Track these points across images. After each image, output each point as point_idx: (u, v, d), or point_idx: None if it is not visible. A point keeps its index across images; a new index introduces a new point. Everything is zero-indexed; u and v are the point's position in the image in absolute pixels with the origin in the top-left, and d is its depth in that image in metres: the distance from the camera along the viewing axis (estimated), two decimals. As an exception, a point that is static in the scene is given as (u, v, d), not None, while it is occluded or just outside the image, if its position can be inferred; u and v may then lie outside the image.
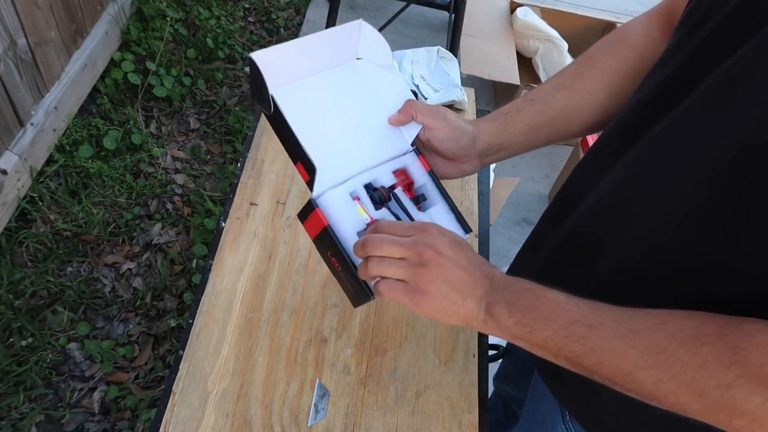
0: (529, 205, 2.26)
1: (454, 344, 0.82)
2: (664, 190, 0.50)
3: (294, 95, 0.64)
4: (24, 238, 1.65)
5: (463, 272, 0.53)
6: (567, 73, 0.71)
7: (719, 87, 0.47)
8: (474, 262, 0.55)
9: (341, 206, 0.63)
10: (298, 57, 0.63)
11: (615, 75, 0.68)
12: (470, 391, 0.78)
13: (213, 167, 2.04)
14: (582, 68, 0.70)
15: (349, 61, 0.68)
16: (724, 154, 0.44)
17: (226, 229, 0.89)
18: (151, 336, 1.60)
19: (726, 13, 0.49)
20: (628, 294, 0.52)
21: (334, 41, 0.65)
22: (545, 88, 0.71)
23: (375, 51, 0.68)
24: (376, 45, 0.68)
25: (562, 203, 0.69)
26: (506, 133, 0.69)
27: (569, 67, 0.71)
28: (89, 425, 1.44)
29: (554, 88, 0.70)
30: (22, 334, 1.51)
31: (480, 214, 0.97)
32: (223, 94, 2.26)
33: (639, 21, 0.71)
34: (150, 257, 1.75)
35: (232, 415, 0.72)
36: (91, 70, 1.96)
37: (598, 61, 0.70)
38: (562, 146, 2.46)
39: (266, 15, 2.66)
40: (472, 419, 0.75)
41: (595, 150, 0.64)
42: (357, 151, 0.66)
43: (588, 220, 0.60)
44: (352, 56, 0.68)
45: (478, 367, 0.80)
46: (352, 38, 0.67)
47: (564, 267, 0.63)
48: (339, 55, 0.67)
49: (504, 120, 0.69)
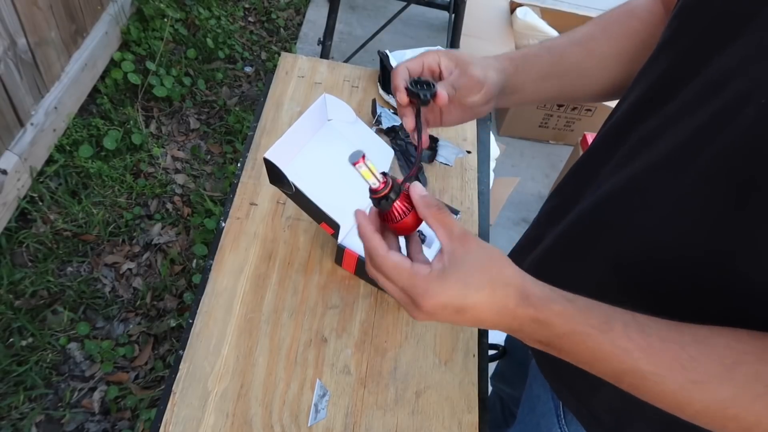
0: (529, 205, 2.26)
1: (454, 344, 0.82)
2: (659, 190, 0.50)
3: (300, 168, 0.79)
4: (24, 238, 1.65)
5: (462, 321, 0.49)
6: (581, 32, 0.70)
7: (710, 84, 0.46)
8: (478, 318, 0.48)
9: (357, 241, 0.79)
10: (293, 137, 0.79)
11: (626, 44, 0.68)
12: (470, 391, 0.78)
13: (213, 167, 2.04)
14: (595, 31, 0.69)
15: (324, 124, 0.86)
16: (717, 153, 0.44)
17: (226, 229, 0.89)
18: (151, 336, 1.60)
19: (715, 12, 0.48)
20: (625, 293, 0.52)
21: (312, 116, 0.82)
22: (561, 40, 0.70)
23: (340, 112, 0.85)
24: (340, 107, 0.85)
25: (558, 202, 0.69)
26: (522, 75, 0.68)
27: (583, 28, 0.70)
28: (89, 425, 1.44)
29: (569, 42, 0.69)
30: (22, 334, 1.51)
31: (480, 214, 0.97)
32: (223, 94, 2.26)
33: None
34: (150, 257, 1.75)
35: (232, 415, 0.72)
36: (91, 70, 1.96)
37: (610, 28, 0.69)
38: (562, 146, 2.46)
39: (266, 15, 2.66)
40: (472, 419, 0.75)
41: (591, 149, 0.64)
42: (355, 197, 0.81)
43: (583, 219, 0.60)
44: (325, 119, 0.87)
45: (478, 367, 0.80)
46: (322, 109, 0.84)
47: (559, 266, 0.63)
48: (317, 124, 0.85)
49: (523, 61, 0.68)
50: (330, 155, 0.85)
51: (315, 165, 0.82)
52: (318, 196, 0.79)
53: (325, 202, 0.79)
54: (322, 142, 0.85)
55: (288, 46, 2.57)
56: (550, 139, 2.48)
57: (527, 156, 2.43)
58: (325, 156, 0.85)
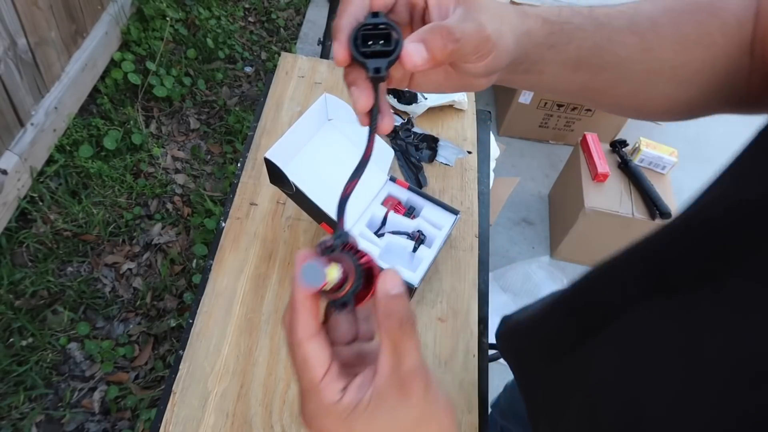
0: (529, 205, 2.26)
1: (454, 344, 0.82)
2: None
3: (300, 168, 0.79)
4: (24, 238, 1.65)
5: None
6: (644, 12, 0.48)
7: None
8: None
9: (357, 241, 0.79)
10: (293, 137, 0.79)
11: (699, 57, 0.47)
12: (470, 391, 0.78)
13: (213, 167, 2.04)
14: (664, 20, 0.48)
15: (324, 124, 0.86)
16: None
17: (226, 229, 0.89)
18: (151, 336, 1.60)
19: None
20: None
21: (312, 116, 0.82)
22: (618, 16, 0.47)
23: (340, 112, 0.84)
24: (341, 107, 0.84)
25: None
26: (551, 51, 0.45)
27: (649, 6, 0.49)
28: (89, 425, 1.44)
29: (627, 25, 0.47)
30: (23, 334, 1.51)
31: (480, 214, 0.97)
32: (223, 94, 2.26)
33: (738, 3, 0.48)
34: (150, 257, 1.75)
35: (232, 415, 0.72)
36: (91, 70, 1.96)
37: (683, 24, 0.47)
38: (562, 146, 2.46)
39: (266, 15, 2.66)
40: (472, 419, 0.75)
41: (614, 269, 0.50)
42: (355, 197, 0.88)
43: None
44: (325, 119, 0.86)
45: (478, 367, 0.80)
46: (322, 109, 0.84)
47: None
48: (317, 123, 0.85)
49: (560, 31, 0.45)
50: (330, 155, 0.85)
51: (315, 165, 0.83)
52: (318, 196, 0.79)
53: (325, 202, 0.79)
54: (322, 142, 0.85)
55: (288, 46, 2.57)
56: (550, 139, 2.48)
57: (527, 156, 2.43)
58: (325, 156, 0.85)
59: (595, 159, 1.95)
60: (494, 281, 1.95)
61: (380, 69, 0.36)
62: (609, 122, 2.33)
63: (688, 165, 2.18)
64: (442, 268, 0.89)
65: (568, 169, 2.14)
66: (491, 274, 1.84)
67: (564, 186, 2.16)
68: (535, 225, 2.21)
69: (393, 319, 0.33)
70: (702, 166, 2.38)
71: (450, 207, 0.87)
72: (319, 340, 0.35)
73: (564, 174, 2.18)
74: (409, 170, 1.01)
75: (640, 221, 1.85)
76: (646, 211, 1.87)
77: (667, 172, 1.98)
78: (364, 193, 0.87)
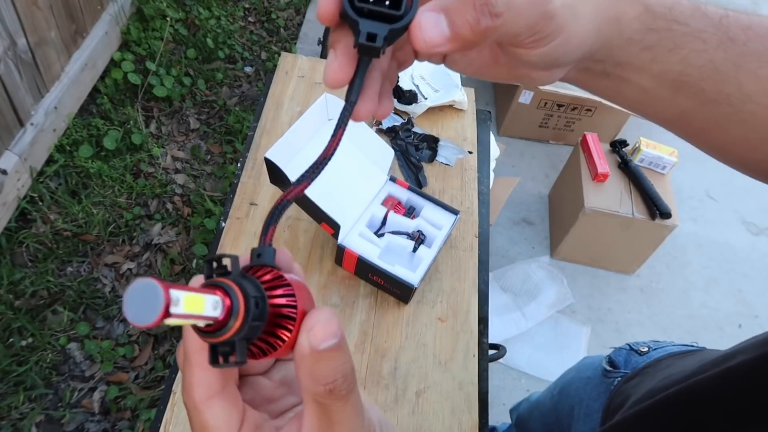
0: (529, 205, 2.26)
1: (454, 344, 0.82)
2: None
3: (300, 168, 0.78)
4: (24, 238, 1.65)
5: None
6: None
7: None
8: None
9: (357, 242, 0.83)
10: (293, 137, 0.80)
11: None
12: (470, 391, 0.78)
13: (213, 167, 2.04)
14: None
15: (324, 124, 0.86)
16: None
17: (226, 229, 0.88)
18: (151, 336, 1.60)
19: None
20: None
21: (312, 116, 0.82)
22: (764, 39, 0.35)
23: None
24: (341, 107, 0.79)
25: None
26: (646, 54, 0.33)
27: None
28: (89, 425, 1.44)
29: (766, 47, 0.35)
30: (22, 334, 1.51)
31: (480, 214, 0.97)
32: (223, 94, 2.26)
33: None
34: (150, 257, 1.75)
35: (232, 415, 0.71)
36: (91, 70, 1.96)
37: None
38: (562, 146, 2.46)
39: (266, 15, 2.66)
40: (472, 419, 0.75)
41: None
42: (355, 197, 0.85)
43: None
44: (325, 119, 0.86)
45: (478, 367, 0.80)
46: (322, 109, 0.84)
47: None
48: (317, 123, 0.85)
49: (666, 30, 0.33)
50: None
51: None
52: (318, 196, 0.79)
53: (325, 202, 0.79)
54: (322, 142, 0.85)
55: (288, 46, 2.57)
56: (550, 139, 2.48)
57: (527, 156, 2.43)
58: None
59: (595, 159, 1.95)
60: (494, 281, 1.95)
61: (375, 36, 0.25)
62: (609, 122, 2.33)
63: (689, 165, 2.18)
64: (442, 268, 0.89)
65: (568, 169, 2.14)
66: (491, 274, 1.84)
67: (564, 186, 2.16)
68: (535, 225, 2.21)
69: (320, 384, 0.24)
70: (702, 166, 2.38)
71: (450, 207, 0.88)
72: (224, 401, 0.25)
73: (564, 174, 2.18)
74: (409, 170, 1.01)
75: (640, 221, 1.85)
76: (646, 211, 1.87)
77: (667, 172, 1.98)
78: (364, 193, 0.87)
